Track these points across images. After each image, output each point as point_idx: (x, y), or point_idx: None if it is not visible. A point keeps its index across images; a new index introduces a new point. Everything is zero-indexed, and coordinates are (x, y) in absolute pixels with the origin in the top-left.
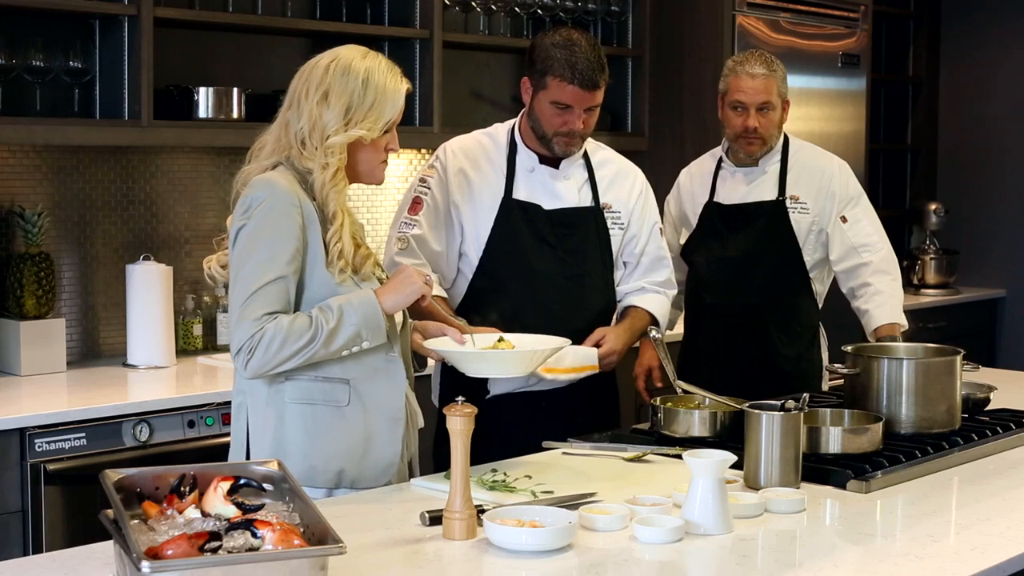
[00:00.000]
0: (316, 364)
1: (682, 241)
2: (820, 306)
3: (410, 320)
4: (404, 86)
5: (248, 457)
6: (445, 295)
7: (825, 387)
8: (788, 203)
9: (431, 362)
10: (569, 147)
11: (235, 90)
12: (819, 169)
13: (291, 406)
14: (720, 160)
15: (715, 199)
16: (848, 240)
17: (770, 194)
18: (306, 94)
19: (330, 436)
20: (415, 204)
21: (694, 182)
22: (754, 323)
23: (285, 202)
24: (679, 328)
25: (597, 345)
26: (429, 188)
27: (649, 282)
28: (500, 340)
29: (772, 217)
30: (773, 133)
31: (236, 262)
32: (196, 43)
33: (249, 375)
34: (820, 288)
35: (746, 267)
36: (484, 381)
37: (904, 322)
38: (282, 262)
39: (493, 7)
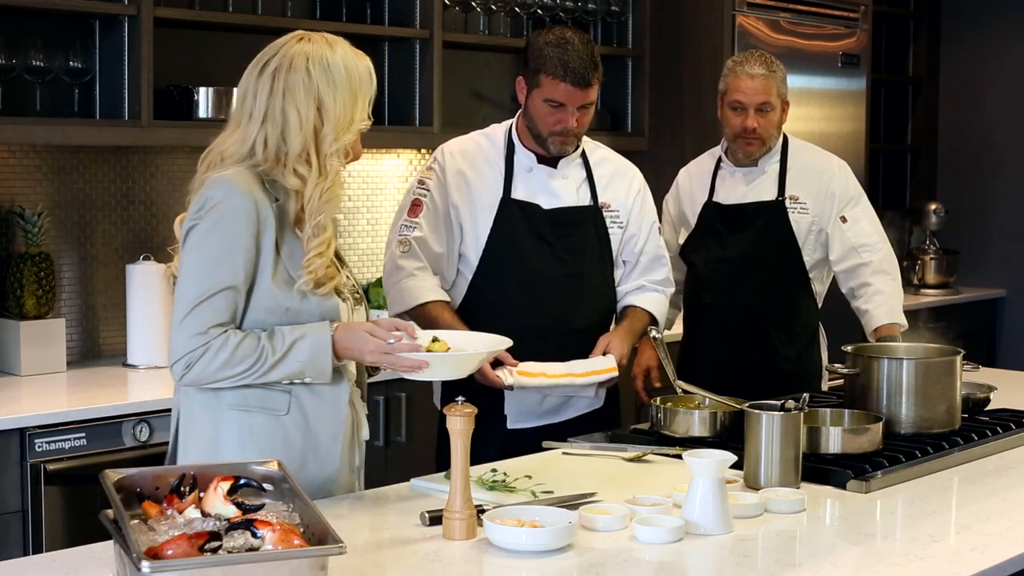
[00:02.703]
0: None
1: (681, 241)
2: (820, 306)
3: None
4: (368, 59)
5: (175, 461)
6: (448, 299)
7: (825, 387)
8: (787, 203)
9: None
10: (564, 146)
11: (235, 90)
12: (819, 169)
13: (228, 411)
14: (719, 160)
15: (714, 199)
16: (848, 240)
17: (769, 194)
18: (294, 107)
19: (265, 444)
20: (414, 206)
21: (693, 182)
22: (754, 323)
23: (242, 205)
24: (678, 328)
25: (605, 353)
26: (428, 190)
27: (648, 280)
28: (435, 340)
29: (771, 217)
30: (772, 134)
31: (185, 263)
32: (196, 43)
33: (183, 384)
34: (820, 288)
35: (746, 267)
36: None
37: (904, 322)
38: (233, 270)
39: (493, 7)
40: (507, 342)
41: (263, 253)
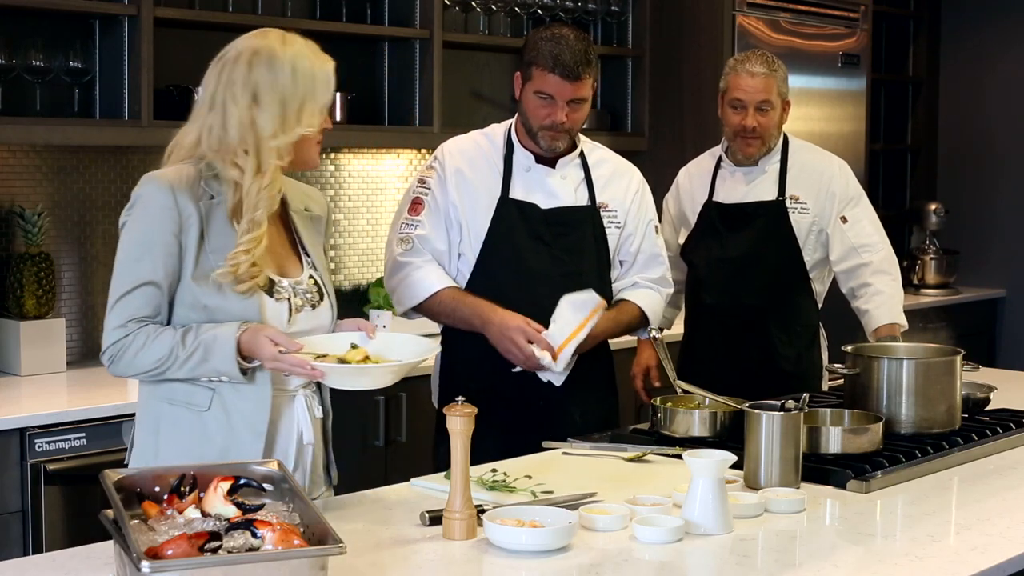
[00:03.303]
0: None
1: (681, 241)
2: (820, 306)
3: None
4: (331, 64)
5: (130, 451)
6: (458, 285)
7: (825, 387)
8: (788, 203)
9: (430, 361)
10: (554, 141)
11: None
12: (819, 169)
13: (159, 403)
14: (719, 159)
15: (714, 199)
16: (848, 240)
17: (770, 194)
18: (232, 98)
19: (185, 438)
20: (415, 204)
21: (693, 181)
22: (754, 323)
23: (161, 202)
24: (678, 328)
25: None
26: (429, 188)
27: (642, 278)
28: (353, 347)
29: (772, 217)
30: (772, 133)
31: (116, 258)
32: (196, 43)
33: (113, 375)
34: (820, 288)
35: (746, 267)
36: (481, 379)
37: (904, 322)
38: (153, 266)
39: (493, 7)
40: (434, 347)
41: (186, 250)
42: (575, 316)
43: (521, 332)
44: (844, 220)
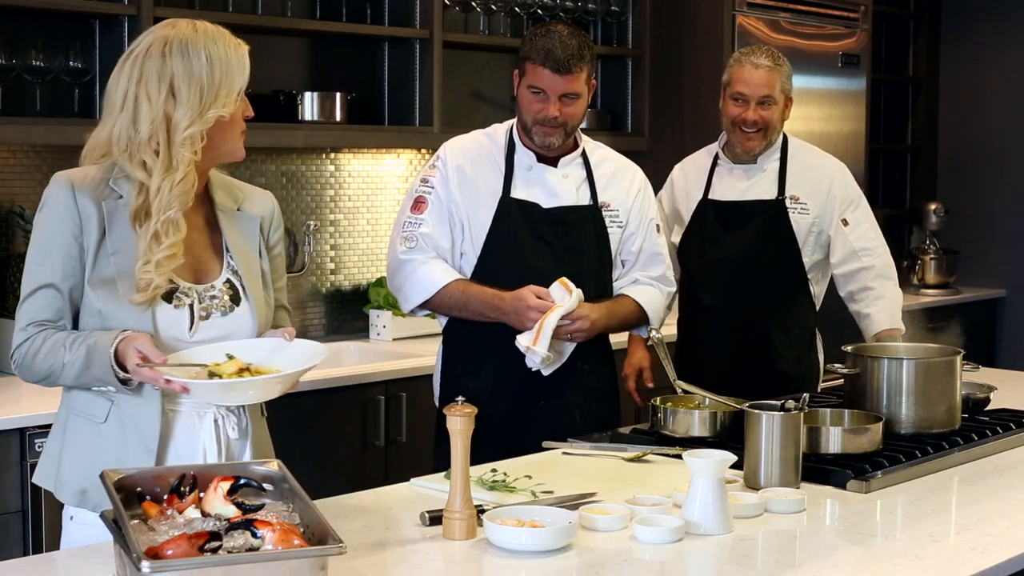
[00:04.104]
0: None
1: (673, 238)
2: (817, 308)
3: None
4: (245, 48)
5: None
6: (464, 277)
7: (818, 389)
8: (788, 203)
9: (429, 361)
10: (547, 136)
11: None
12: (819, 171)
13: (64, 411)
14: (716, 156)
15: (710, 196)
16: (849, 243)
17: (769, 193)
18: (146, 93)
19: (82, 449)
20: (418, 203)
21: (688, 178)
22: (754, 324)
23: (61, 202)
24: (669, 329)
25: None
26: (432, 187)
27: (643, 275)
28: (230, 358)
29: (772, 216)
30: (774, 128)
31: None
32: None
33: (23, 380)
34: (817, 290)
35: (745, 267)
36: (482, 378)
37: (903, 327)
38: (52, 268)
39: (493, 7)
40: (319, 352)
41: (86, 252)
42: (557, 297)
43: (531, 293)
44: (845, 223)
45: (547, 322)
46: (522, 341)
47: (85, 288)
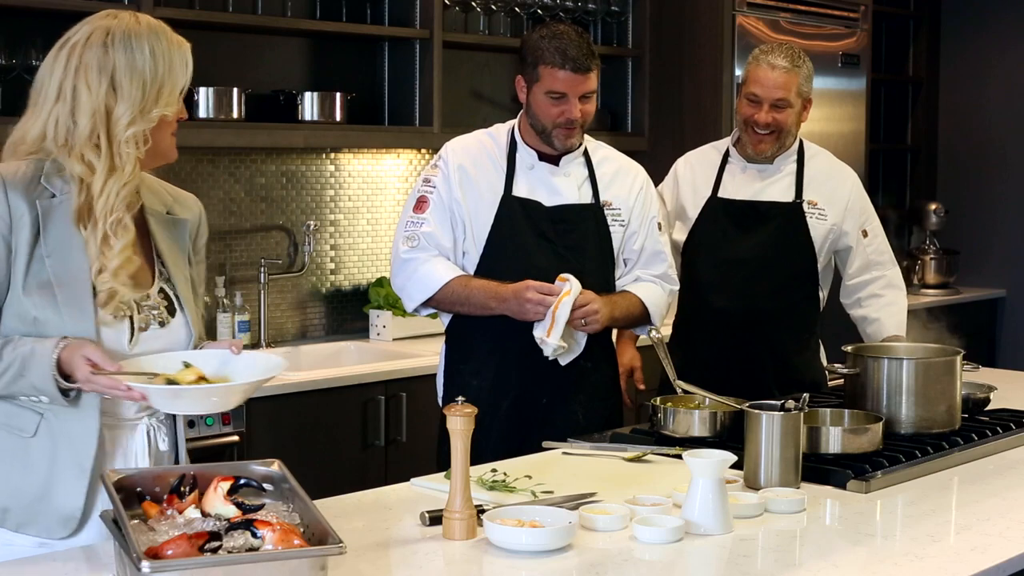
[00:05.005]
0: None
1: (677, 235)
2: (820, 311)
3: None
4: (187, 45)
5: None
6: (465, 273)
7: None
8: (806, 207)
9: (429, 361)
10: (569, 139)
11: (235, 90)
12: (838, 178)
13: None
14: (727, 153)
15: (719, 194)
16: (867, 255)
17: (786, 195)
18: (86, 84)
19: (7, 465)
20: (420, 203)
21: (695, 173)
22: (765, 328)
23: None
24: (667, 329)
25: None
26: (435, 187)
27: (645, 273)
28: (186, 365)
29: (789, 219)
30: (789, 132)
31: None
32: (196, 43)
33: None
34: (823, 295)
35: (760, 270)
36: (485, 378)
37: (905, 336)
38: None
39: (493, 7)
40: (279, 365)
41: (16, 253)
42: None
43: (530, 289)
44: (865, 234)
45: (559, 312)
46: (537, 332)
47: (16, 292)
